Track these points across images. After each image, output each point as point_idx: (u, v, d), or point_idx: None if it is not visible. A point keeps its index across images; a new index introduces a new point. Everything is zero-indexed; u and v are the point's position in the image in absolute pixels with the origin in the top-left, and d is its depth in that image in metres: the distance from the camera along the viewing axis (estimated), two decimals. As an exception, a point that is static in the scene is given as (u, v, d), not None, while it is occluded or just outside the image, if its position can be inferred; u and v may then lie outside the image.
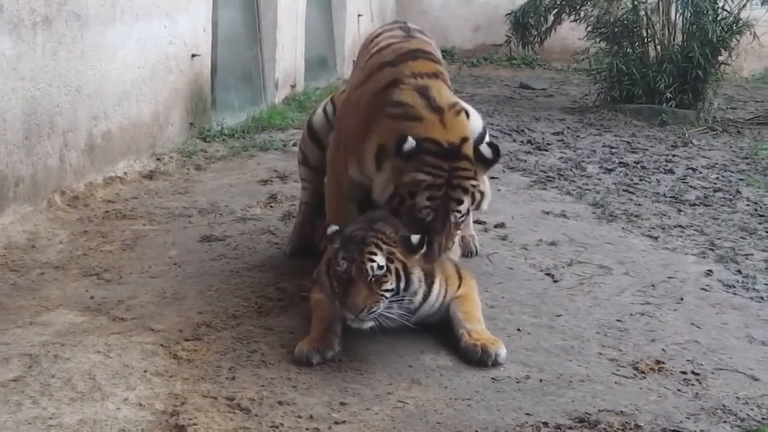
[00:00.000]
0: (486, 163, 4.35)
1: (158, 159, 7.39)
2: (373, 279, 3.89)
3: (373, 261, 3.89)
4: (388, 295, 3.93)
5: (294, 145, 8.27)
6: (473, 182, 4.29)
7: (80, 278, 4.91)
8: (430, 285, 4.17)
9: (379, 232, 4.02)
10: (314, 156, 5.31)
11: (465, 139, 4.32)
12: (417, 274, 4.04)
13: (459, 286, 4.36)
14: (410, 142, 4.17)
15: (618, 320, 4.61)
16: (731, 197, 7.36)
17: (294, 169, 7.01)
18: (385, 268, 3.91)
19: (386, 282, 3.92)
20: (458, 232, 4.50)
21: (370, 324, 3.94)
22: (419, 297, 4.10)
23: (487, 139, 4.67)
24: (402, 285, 3.98)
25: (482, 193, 4.37)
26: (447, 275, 4.33)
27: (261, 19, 10.23)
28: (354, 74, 5.24)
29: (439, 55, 5.00)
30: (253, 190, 6.86)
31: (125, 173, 6.87)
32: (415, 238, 4.01)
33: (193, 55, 8.05)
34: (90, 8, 6.22)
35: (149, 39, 7.22)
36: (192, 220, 6.04)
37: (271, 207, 6.43)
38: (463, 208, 4.29)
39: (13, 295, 4.60)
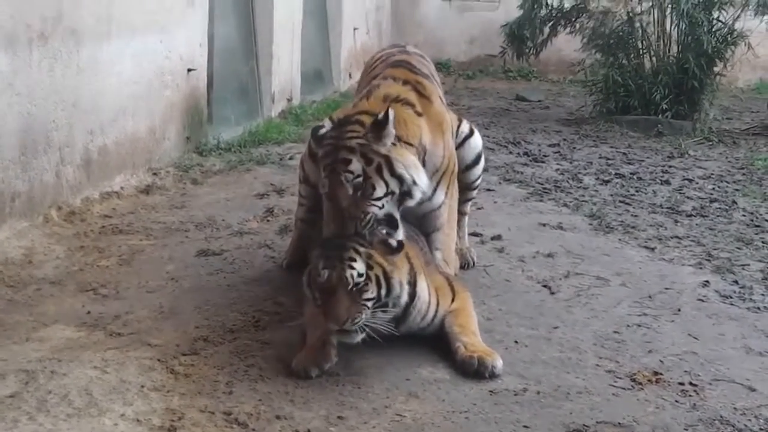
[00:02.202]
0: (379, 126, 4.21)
1: (155, 174, 7.39)
2: (354, 288, 3.84)
3: (353, 268, 3.84)
4: (369, 304, 3.88)
5: (290, 158, 8.30)
6: (360, 141, 4.19)
7: (77, 294, 4.90)
8: (413, 286, 4.14)
9: (358, 236, 4.01)
10: (315, 174, 5.30)
11: (367, 113, 4.32)
12: (397, 278, 3.98)
13: (452, 300, 4.36)
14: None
15: (615, 332, 4.61)
16: (727, 208, 7.37)
17: (290, 183, 7.04)
18: (365, 275, 3.87)
19: (367, 291, 3.87)
20: (370, 205, 4.16)
21: (360, 337, 3.90)
22: (404, 299, 4.05)
23: (426, 142, 4.60)
24: (383, 291, 3.93)
25: (387, 159, 4.20)
26: (437, 286, 4.32)
27: (257, 32, 10.25)
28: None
29: (425, 69, 5.05)
30: (249, 204, 6.86)
31: (122, 188, 6.86)
32: (393, 241, 4.00)
33: (189, 70, 8.06)
34: (86, 24, 6.23)
35: (145, 54, 7.23)
36: (189, 235, 6.03)
37: (268, 221, 6.43)
38: (353, 168, 4.13)
39: (9, 311, 4.58)
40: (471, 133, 5.35)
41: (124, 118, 6.95)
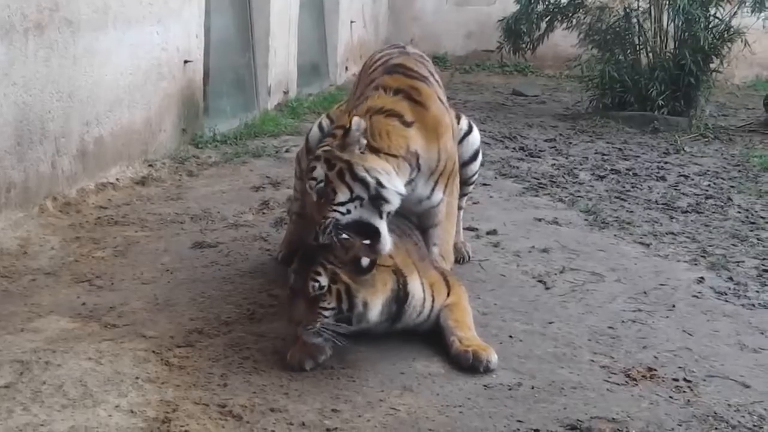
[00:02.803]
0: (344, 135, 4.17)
1: (150, 165, 7.38)
2: (313, 297, 3.89)
3: (316, 281, 3.89)
4: (326, 313, 3.90)
5: (286, 151, 8.30)
6: (325, 149, 4.18)
7: (72, 284, 4.90)
8: (404, 287, 4.14)
9: (330, 253, 3.99)
10: None
11: (343, 128, 4.27)
12: (362, 297, 3.96)
13: (448, 294, 4.36)
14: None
15: (610, 327, 4.61)
16: (723, 204, 7.38)
17: (286, 176, 7.04)
18: (326, 288, 3.90)
19: (325, 301, 3.90)
20: (331, 210, 4.09)
21: (317, 339, 3.92)
22: (372, 317, 4.03)
23: (417, 148, 4.56)
24: (344, 306, 3.93)
25: (348, 163, 4.12)
26: (431, 282, 4.32)
27: (253, 25, 10.24)
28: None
29: (423, 70, 5.01)
30: (245, 197, 6.85)
31: (117, 179, 6.85)
32: (365, 261, 3.96)
33: (186, 61, 8.05)
34: (82, 14, 6.22)
35: (141, 45, 7.21)
36: (184, 227, 6.03)
37: (264, 213, 6.42)
38: (317, 174, 4.10)
39: (4, 302, 4.58)
40: (470, 129, 5.35)
41: (120, 109, 6.94)
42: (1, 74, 5.41)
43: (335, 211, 4.06)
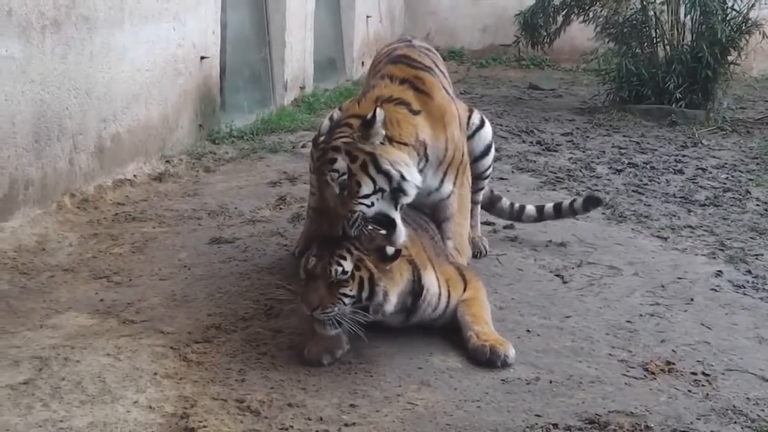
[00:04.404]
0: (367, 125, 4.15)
1: (167, 161, 7.40)
2: (335, 281, 3.87)
3: (340, 265, 3.87)
4: (346, 300, 3.88)
5: (303, 146, 8.30)
6: (345, 140, 4.13)
7: (90, 281, 4.92)
8: (419, 281, 4.14)
9: (357, 240, 3.99)
10: None
11: (357, 116, 4.25)
12: (383, 286, 3.95)
13: (464, 289, 4.36)
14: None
15: (628, 321, 4.60)
16: (741, 197, 7.34)
17: (303, 171, 7.04)
18: (349, 273, 3.88)
19: (346, 287, 3.88)
20: (357, 203, 4.06)
21: (334, 330, 3.90)
22: (388, 309, 4.01)
23: (425, 137, 4.57)
24: (364, 294, 3.92)
25: (372, 155, 4.12)
26: (447, 277, 4.32)
27: (270, 20, 10.24)
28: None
29: (427, 61, 5.02)
30: (262, 192, 6.86)
31: (135, 176, 6.87)
32: (390, 250, 3.97)
33: (202, 57, 8.06)
34: (98, 11, 6.23)
35: (158, 41, 7.23)
36: (201, 223, 6.04)
37: (281, 209, 6.43)
38: (338, 166, 4.07)
39: (23, 298, 4.61)
40: (482, 124, 5.36)
41: (137, 105, 6.96)
42: (19, 71, 5.43)
43: (361, 204, 4.06)
